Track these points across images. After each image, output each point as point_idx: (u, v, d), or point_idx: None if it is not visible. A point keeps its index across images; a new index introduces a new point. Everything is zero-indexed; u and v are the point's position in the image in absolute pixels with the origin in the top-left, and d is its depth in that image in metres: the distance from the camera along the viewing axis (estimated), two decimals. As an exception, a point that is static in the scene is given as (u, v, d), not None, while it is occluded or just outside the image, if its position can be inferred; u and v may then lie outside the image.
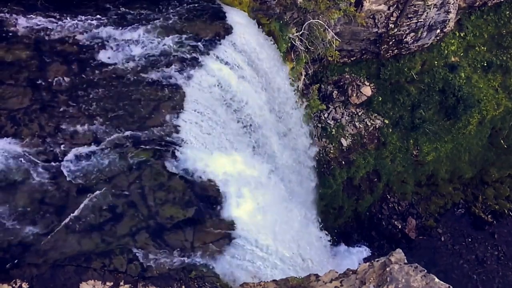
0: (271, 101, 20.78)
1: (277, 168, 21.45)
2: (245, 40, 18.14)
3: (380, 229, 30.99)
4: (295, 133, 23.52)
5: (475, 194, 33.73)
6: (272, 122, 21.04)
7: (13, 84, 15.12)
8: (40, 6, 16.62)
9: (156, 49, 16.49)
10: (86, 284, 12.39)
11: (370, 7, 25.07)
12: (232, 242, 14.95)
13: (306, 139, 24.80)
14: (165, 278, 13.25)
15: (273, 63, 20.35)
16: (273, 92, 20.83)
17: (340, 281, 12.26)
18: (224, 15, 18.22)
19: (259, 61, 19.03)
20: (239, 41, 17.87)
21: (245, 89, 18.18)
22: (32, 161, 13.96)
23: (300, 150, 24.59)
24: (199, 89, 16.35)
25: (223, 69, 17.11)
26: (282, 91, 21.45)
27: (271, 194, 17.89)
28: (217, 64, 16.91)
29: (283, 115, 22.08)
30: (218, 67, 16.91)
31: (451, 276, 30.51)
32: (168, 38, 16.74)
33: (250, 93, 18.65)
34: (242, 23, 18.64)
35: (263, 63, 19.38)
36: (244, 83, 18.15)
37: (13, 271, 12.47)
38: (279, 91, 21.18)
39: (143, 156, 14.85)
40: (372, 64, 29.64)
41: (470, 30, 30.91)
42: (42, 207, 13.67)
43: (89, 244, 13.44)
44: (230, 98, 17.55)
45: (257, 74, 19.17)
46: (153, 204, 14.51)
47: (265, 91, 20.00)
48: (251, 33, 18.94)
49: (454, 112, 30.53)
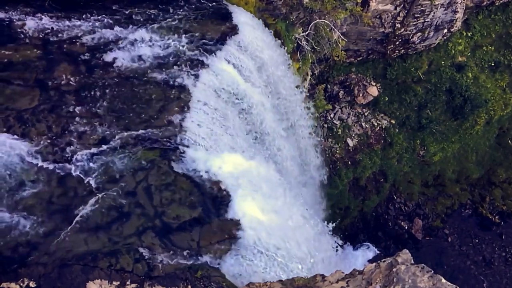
0: (276, 101, 20.78)
1: (284, 168, 21.44)
2: (252, 40, 18.16)
3: (387, 229, 30.91)
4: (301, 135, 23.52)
5: (482, 195, 33.55)
6: (278, 122, 21.04)
7: (21, 84, 15.22)
8: (48, 7, 16.72)
9: (163, 50, 16.55)
10: (93, 283, 12.44)
11: (376, 7, 25.02)
12: (238, 242, 14.96)
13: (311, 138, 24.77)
14: (171, 277, 13.29)
15: (280, 63, 20.35)
16: (279, 93, 20.83)
17: (346, 282, 12.23)
18: (231, 15, 18.24)
19: (265, 61, 19.04)
20: (245, 41, 17.88)
21: (250, 89, 18.20)
22: (39, 161, 14.05)
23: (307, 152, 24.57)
24: (206, 89, 16.39)
25: (229, 70, 17.14)
26: (288, 92, 21.44)
27: (277, 194, 17.88)
28: (223, 64, 16.94)
29: (288, 114, 22.07)
30: (225, 67, 16.94)
31: (458, 277, 30.36)
32: (175, 38, 16.79)
33: (256, 93, 18.67)
34: (249, 23, 18.66)
35: (269, 63, 19.38)
36: (249, 83, 18.16)
37: (20, 270, 12.55)
38: (285, 92, 21.18)
39: (150, 156, 14.91)
40: (379, 64, 29.57)
41: (477, 29, 30.75)
42: (50, 207, 13.76)
43: (96, 244, 13.51)
44: (236, 98, 17.57)
45: (263, 74, 19.18)
46: (159, 204, 14.56)
47: (270, 91, 20.00)
48: (258, 33, 18.95)
49: (461, 112, 30.38)
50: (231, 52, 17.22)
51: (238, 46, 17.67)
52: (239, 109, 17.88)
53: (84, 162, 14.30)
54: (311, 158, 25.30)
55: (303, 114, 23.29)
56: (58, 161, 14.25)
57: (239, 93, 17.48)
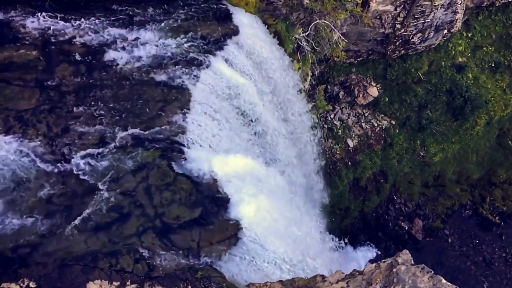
0: (276, 100, 20.77)
1: (284, 168, 21.43)
2: (252, 40, 18.16)
3: (387, 230, 30.89)
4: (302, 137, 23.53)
5: (482, 195, 33.54)
6: (280, 123, 21.03)
7: (21, 84, 15.22)
8: (48, 7, 16.72)
9: (163, 50, 16.54)
10: (93, 283, 12.44)
11: (376, 7, 25.01)
12: (238, 243, 14.96)
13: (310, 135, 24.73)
14: (171, 278, 13.29)
15: (280, 63, 20.34)
16: (279, 92, 20.82)
17: (347, 282, 12.23)
18: (231, 15, 18.24)
19: (265, 61, 19.03)
20: (245, 41, 17.88)
21: (250, 89, 18.19)
22: (40, 161, 14.05)
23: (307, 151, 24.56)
24: (206, 89, 16.38)
25: (229, 70, 17.14)
26: (289, 92, 21.43)
27: (277, 195, 17.89)
28: (223, 64, 16.94)
29: (289, 117, 22.08)
30: (225, 68, 16.94)
31: (458, 277, 30.35)
32: (175, 38, 16.79)
33: (256, 93, 18.66)
34: (249, 24, 18.66)
35: (269, 64, 19.38)
36: (250, 83, 18.16)
37: (20, 270, 12.55)
38: (285, 93, 21.17)
39: (150, 156, 14.91)
40: (379, 65, 29.55)
41: (477, 30, 30.73)
42: (50, 207, 13.76)
43: (96, 244, 13.50)
44: (236, 98, 17.57)
45: (262, 74, 19.18)
46: (159, 204, 14.55)
47: (270, 91, 20.00)
48: (258, 34, 18.95)
49: (461, 113, 30.37)
50: (231, 52, 17.22)
51: (239, 47, 17.67)
52: (239, 109, 17.87)
53: (84, 162, 14.30)
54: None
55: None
56: (58, 161, 14.25)
57: (238, 93, 17.47)
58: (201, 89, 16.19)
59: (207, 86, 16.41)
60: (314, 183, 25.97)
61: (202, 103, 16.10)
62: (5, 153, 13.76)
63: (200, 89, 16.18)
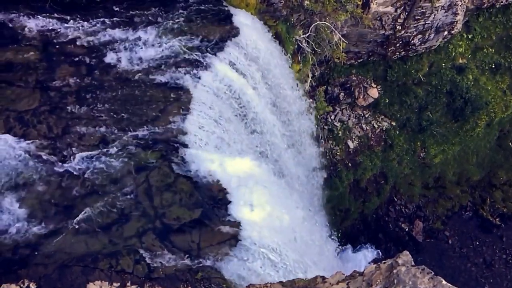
0: (277, 102, 20.78)
1: (285, 171, 21.43)
2: (252, 42, 18.17)
3: (387, 231, 30.86)
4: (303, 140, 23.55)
5: (483, 197, 33.51)
6: (279, 125, 21.04)
7: (22, 85, 15.24)
8: (48, 9, 16.75)
9: (163, 51, 16.56)
10: (93, 284, 12.44)
11: (377, 9, 25.03)
12: (239, 244, 14.95)
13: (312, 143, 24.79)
14: (171, 279, 13.29)
15: (280, 64, 20.36)
16: (279, 94, 20.83)
17: (347, 283, 12.21)
18: (231, 17, 18.26)
19: (265, 62, 19.05)
20: (246, 43, 17.90)
21: (250, 90, 18.20)
22: (40, 162, 14.06)
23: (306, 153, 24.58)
24: (206, 91, 16.39)
25: (229, 71, 17.15)
26: (289, 94, 21.44)
27: (278, 197, 17.88)
28: (224, 66, 16.95)
29: (289, 119, 22.09)
30: (225, 69, 16.95)
31: (458, 279, 30.31)
32: (176, 40, 16.80)
33: (256, 95, 18.67)
34: (249, 25, 18.68)
35: (270, 65, 19.39)
36: (250, 85, 18.17)
37: (20, 271, 12.55)
38: (286, 94, 21.18)
39: (150, 157, 14.91)
40: (379, 66, 29.56)
41: (478, 31, 30.74)
42: (50, 208, 13.76)
43: (96, 245, 13.50)
44: (237, 100, 17.58)
45: (263, 76, 19.18)
46: (160, 205, 14.55)
47: (271, 93, 20.00)
48: (258, 35, 18.96)
49: (461, 114, 30.36)
50: (232, 54, 17.24)
51: (239, 48, 17.68)
52: (239, 110, 17.88)
53: (85, 163, 14.30)
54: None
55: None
56: (59, 162, 14.25)
57: (239, 94, 17.48)
58: (201, 90, 16.21)
59: (207, 87, 16.42)
60: (315, 183, 25.97)
61: (202, 104, 16.11)
62: (5, 154, 13.77)
63: (201, 90, 16.19)
